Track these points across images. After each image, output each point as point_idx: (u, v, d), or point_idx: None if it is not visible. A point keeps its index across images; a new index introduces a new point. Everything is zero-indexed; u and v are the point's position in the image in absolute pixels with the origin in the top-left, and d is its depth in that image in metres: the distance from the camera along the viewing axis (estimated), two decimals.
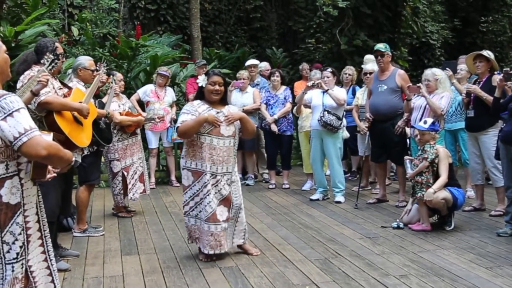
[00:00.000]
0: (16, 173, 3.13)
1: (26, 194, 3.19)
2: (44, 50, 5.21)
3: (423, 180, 6.45)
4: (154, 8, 15.49)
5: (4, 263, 3.12)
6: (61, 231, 6.33)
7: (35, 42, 9.71)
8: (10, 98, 3.02)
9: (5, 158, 3.07)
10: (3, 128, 2.97)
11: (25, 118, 3.01)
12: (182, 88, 11.44)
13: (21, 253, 3.16)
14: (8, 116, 2.97)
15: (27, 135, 2.95)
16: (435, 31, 16.13)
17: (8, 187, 3.10)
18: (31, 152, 2.98)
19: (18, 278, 3.16)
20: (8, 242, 3.12)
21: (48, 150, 2.99)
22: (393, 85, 7.69)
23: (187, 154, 5.45)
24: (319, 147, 8.22)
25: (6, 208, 3.10)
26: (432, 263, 5.32)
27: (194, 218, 5.51)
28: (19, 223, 3.15)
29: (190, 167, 5.43)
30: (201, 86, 5.44)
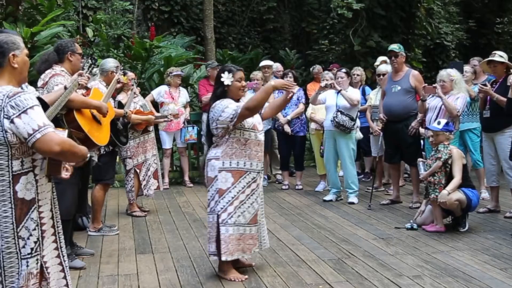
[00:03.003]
0: (31, 170, 3.20)
1: (41, 190, 3.26)
2: (65, 50, 5.41)
3: (436, 180, 6.43)
4: (167, 9, 15.55)
5: (20, 258, 3.18)
6: (76, 230, 6.36)
7: (51, 43, 9.88)
8: (24, 95, 3.10)
9: (20, 155, 3.14)
10: (18, 125, 3.04)
11: (39, 115, 3.08)
12: (195, 89, 11.47)
13: (35, 248, 3.22)
14: (22, 113, 3.04)
15: (40, 131, 3.02)
16: (449, 32, 16.06)
17: (23, 183, 3.17)
18: (44, 148, 3.05)
19: (33, 273, 3.21)
20: (24, 237, 3.18)
21: (62, 146, 3.05)
22: (407, 85, 7.67)
23: (225, 154, 4.92)
24: (332, 148, 8.22)
25: (21, 203, 3.17)
26: (446, 264, 5.31)
27: (233, 226, 4.91)
28: (34, 218, 3.21)
29: (230, 167, 4.91)
30: (226, 85, 5.00)
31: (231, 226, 4.91)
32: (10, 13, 10.71)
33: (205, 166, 5.09)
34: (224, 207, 4.91)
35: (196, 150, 10.51)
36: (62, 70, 5.31)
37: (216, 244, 4.96)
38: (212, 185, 4.98)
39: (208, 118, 5.07)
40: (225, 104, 4.90)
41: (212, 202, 4.99)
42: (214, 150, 5.02)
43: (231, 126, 4.87)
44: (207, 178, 5.07)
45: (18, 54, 3.24)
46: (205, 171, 5.12)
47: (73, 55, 5.41)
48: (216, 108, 4.93)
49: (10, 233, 3.15)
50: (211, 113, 4.97)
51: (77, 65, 5.44)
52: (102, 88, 6.09)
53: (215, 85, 5.18)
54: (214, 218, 4.97)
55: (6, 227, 3.14)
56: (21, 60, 3.26)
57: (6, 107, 3.06)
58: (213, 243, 4.99)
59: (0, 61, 3.20)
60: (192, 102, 10.94)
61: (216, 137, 5.00)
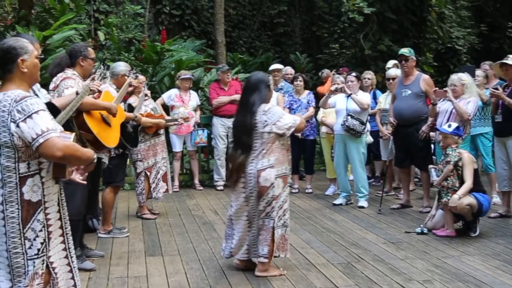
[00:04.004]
0: (38, 172, 3.25)
1: (47, 192, 3.30)
2: (77, 54, 5.44)
3: (449, 184, 6.40)
4: (179, 13, 15.63)
5: (26, 258, 3.23)
6: (87, 232, 6.39)
7: (63, 46, 9.95)
8: (30, 100, 3.15)
9: (26, 158, 3.20)
10: (23, 129, 3.10)
11: (44, 120, 3.13)
12: (206, 93, 11.49)
13: (42, 249, 3.26)
14: (27, 118, 3.11)
15: (43, 136, 3.08)
16: (461, 36, 15.99)
17: (29, 185, 3.22)
18: (47, 153, 3.11)
19: (38, 273, 3.26)
20: (30, 239, 3.23)
21: (64, 151, 3.10)
22: (417, 90, 7.64)
23: (278, 161, 5.06)
24: (343, 152, 8.20)
25: (27, 205, 3.21)
26: (457, 269, 5.28)
27: (281, 227, 5.15)
28: (40, 220, 3.25)
29: (282, 173, 5.10)
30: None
31: (280, 228, 5.14)
32: (23, 17, 10.80)
33: (255, 177, 5.05)
34: (277, 212, 5.09)
35: (206, 153, 10.52)
36: (73, 73, 5.34)
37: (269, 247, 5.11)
38: (268, 193, 5.06)
39: (249, 122, 5.05)
40: (281, 111, 5.21)
41: (269, 207, 5.07)
42: (262, 160, 5.05)
43: (287, 134, 5.10)
44: (258, 187, 5.05)
45: (27, 59, 3.27)
46: (251, 181, 5.07)
47: (85, 60, 5.44)
48: (272, 112, 5.07)
49: (16, 233, 3.20)
50: (266, 117, 5.05)
51: (88, 70, 5.47)
52: (113, 91, 6.11)
53: (258, 88, 5.18)
54: (270, 223, 5.09)
55: (13, 227, 3.19)
56: (30, 64, 3.29)
57: (13, 111, 3.11)
58: (266, 247, 5.09)
59: (10, 67, 3.24)
60: (203, 105, 10.96)
61: (266, 142, 5.05)
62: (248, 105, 5.11)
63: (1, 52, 3.25)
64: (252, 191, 5.09)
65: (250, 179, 5.08)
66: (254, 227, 5.16)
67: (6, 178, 3.18)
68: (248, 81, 5.34)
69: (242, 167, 5.07)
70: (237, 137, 5.17)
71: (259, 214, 5.10)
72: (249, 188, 5.10)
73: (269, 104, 5.19)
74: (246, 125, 5.06)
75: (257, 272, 5.15)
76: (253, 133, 5.04)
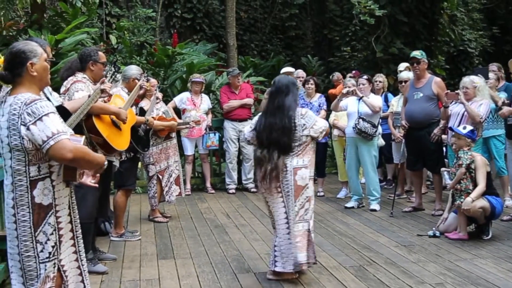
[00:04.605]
0: (48, 175, 3.27)
1: (58, 195, 3.32)
2: (87, 58, 5.47)
3: (462, 187, 6.38)
4: (190, 17, 15.68)
5: (38, 262, 3.26)
6: (99, 235, 6.43)
7: (75, 50, 10.00)
8: (40, 103, 3.17)
9: (37, 161, 3.22)
10: (33, 131, 3.12)
11: (54, 122, 3.15)
12: (217, 96, 11.51)
13: (53, 252, 3.29)
14: (38, 121, 3.13)
15: (54, 138, 3.10)
16: (473, 39, 15.95)
17: (40, 188, 3.24)
18: (57, 155, 3.12)
19: (50, 276, 3.28)
20: (41, 242, 3.26)
21: (74, 154, 3.12)
22: (429, 92, 7.61)
23: (310, 163, 5.18)
24: (354, 154, 8.19)
25: (38, 208, 3.24)
26: (469, 272, 5.25)
27: (313, 231, 5.20)
28: (51, 223, 3.28)
29: (312, 175, 5.22)
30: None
31: (312, 232, 5.18)
32: (35, 21, 10.87)
33: (292, 174, 5.07)
34: (311, 215, 5.14)
35: (218, 156, 10.54)
36: (84, 77, 5.38)
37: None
38: (302, 193, 5.08)
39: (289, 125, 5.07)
40: (315, 115, 5.34)
41: (302, 210, 5.08)
42: (297, 158, 5.11)
43: (321, 137, 5.26)
44: (295, 186, 5.06)
45: (36, 62, 3.28)
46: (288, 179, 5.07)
47: (95, 64, 5.46)
48: (309, 116, 5.18)
49: (28, 237, 3.23)
50: (304, 120, 5.12)
51: (99, 74, 5.49)
52: (124, 95, 6.14)
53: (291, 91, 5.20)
54: (304, 226, 5.08)
55: (24, 231, 3.23)
56: (39, 67, 3.31)
57: (23, 114, 3.13)
58: (305, 251, 5.05)
59: (19, 71, 3.26)
60: (214, 108, 10.98)
61: (302, 144, 5.12)
62: (284, 108, 5.11)
63: (10, 55, 3.28)
64: (289, 190, 5.08)
65: (286, 177, 5.08)
66: (293, 233, 5.06)
67: (17, 182, 3.21)
68: (279, 84, 5.27)
69: (278, 168, 5.06)
70: (275, 139, 5.09)
71: (294, 217, 5.08)
72: (285, 188, 5.09)
73: (308, 110, 5.34)
74: (285, 128, 5.07)
75: (270, 275, 5.15)
76: (292, 136, 5.08)
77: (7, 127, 3.18)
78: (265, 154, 5.11)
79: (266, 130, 5.15)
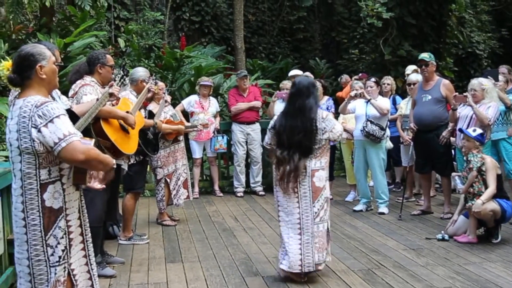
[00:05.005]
0: (59, 179, 3.26)
1: (68, 199, 3.31)
2: (95, 62, 5.46)
3: (475, 190, 6.35)
4: (198, 19, 15.72)
5: (49, 265, 3.25)
6: (107, 238, 6.44)
7: (84, 53, 10.05)
8: (51, 105, 3.17)
9: (47, 164, 3.21)
10: (44, 134, 3.11)
11: (65, 124, 3.14)
12: (226, 99, 11.53)
13: (63, 256, 3.28)
14: (49, 123, 3.12)
15: (66, 140, 3.09)
16: (481, 41, 15.89)
17: (50, 192, 3.23)
18: (69, 157, 3.12)
19: (60, 281, 3.27)
20: (52, 246, 3.25)
21: (86, 155, 3.11)
22: (437, 95, 7.59)
23: (326, 164, 5.27)
24: (362, 157, 8.16)
25: (49, 212, 3.23)
26: (478, 275, 5.23)
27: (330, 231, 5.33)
28: (62, 227, 3.27)
29: (328, 176, 5.32)
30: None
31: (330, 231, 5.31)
32: (44, 24, 10.94)
33: (309, 176, 5.13)
34: (328, 214, 5.25)
35: (226, 159, 10.54)
36: (92, 80, 5.39)
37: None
38: (322, 195, 5.17)
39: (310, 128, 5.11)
40: (334, 119, 5.40)
41: (322, 211, 5.16)
42: (315, 160, 5.18)
43: (338, 140, 5.42)
44: (313, 187, 5.13)
45: (45, 65, 3.28)
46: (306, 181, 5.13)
47: (103, 67, 5.47)
48: (329, 120, 5.24)
49: (38, 241, 3.22)
50: (324, 124, 5.18)
51: (107, 77, 5.49)
52: (132, 98, 6.15)
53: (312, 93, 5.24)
54: (324, 227, 5.18)
55: (35, 235, 3.21)
56: (48, 70, 3.31)
57: (34, 116, 3.13)
58: (325, 250, 5.17)
59: (28, 74, 3.25)
60: (222, 111, 11.00)
61: (321, 147, 5.19)
62: (305, 110, 5.14)
63: (19, 59, 3.28)
64: (306, 192, 5.12)
65: (304, 179, 5.12)
66: (306, 235, 5.11)
67: (27, 185, 3.20)
68: (300, 86, 5.28)
69: (299, 170, 5.10)
70: (297, 141, 5.11)
71: (312, 219, 5.12)
72: (302, 189, 5.12)
73: (329, 113, 5.42)
74: (307, 131, 5.11)
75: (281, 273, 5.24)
76: (314, 139, 5.13)
77: (17, 130, 3.18)
78: (285, 156, 5.15)
79: (287, 132, 5.17)
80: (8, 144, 3.27)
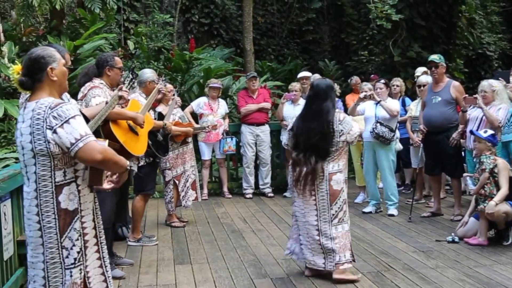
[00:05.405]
0: (74, 180, 3.25)
1: (83, 200, 3.30)
2: (104, 64, 5.49)
3: (487, 192, 6.31)
4: (207, 22, 15.71)
5: (64, 268, 3.22)
6: (116, 240, 6.45)
7: (93, 55, 10.07)
8: (66, 106, 3.16)
9: (62, 165, 3.20)
10: (60, 135, 3.10)
11: (81, 124, 3.14)
12: (235, 101, 11.52)
13: (78, 258, 3.26)
14: (64, 123, 3.11)
15: (83, 140, 3.08)
16: (492, 42, 15.79)
17: (66, 193, 3.21)
18: (87, 157, 3.10)
19: (77, 283, 3.25)
20: (67, 248, 3.22)
21: (104, 155, 3.11)
22: (447, 96, 7.56)
23: (344, 166, 5.29)
24: (372, 159, 8.14)
25: (64, 214, 3.21)
26: (489, 278, 5.20)
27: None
28: (77, 229, 3.25)
29: (345, 178, 5.35)
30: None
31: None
32: (54, 27, 10.99)
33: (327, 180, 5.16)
34: (348, 215, 5.29)
35: (235, 161, 10.53)
36: (101, 82, 5.40)
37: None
38: (340, 197, 5.21)
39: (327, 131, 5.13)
40: (351, 121, 5.33)
41: (341, 212, 5.21)
42: (333, 163, 5.21)
43: (355, 142, 5.41)
44: (331, 190, 5.15)
45: (55, 67, 3.28)
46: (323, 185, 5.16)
47: (111, 69, 5.48)
48: (346, 122, 5.24)
49: (54, 243, 3.20)
50: (341, 126, 5.20)
51: (115, 79, 5.52)
52: (142, 100, 6.17)
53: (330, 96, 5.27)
54: (344, 228, 5.22)
55: (50, 237, 3.19)
56: (59, 72, 3.31)
57: (49, 117, 3.11)
58: (348, 251, 5.21)
59: (39, 76, 3.24)
60: (231, 113, 10.99)
61: (338, 150, 5.20)
62: (322, 113, 5.16)
63: (30, 61, 3.27)
64: (323, 195, 5.14)
65: (322, 182, 5.14)
66: (324, 236, 5.15)
67: (42, 188, 3.18)
68: (317, 88, 5.32)
69: (316, 172, 5.11)
70: (313, 144, 5.13)
71: (330, 221, 5.14)
72: (319, 192, 5.14)
73: (342, 113, 5.36)
74: (324, 134, 5.13)
75: (336, 275, 5.17)
76: (331, 141, 5.13)
77: (30, 133, 3.16)
78: (301, 158, 5.17)
79: (304, 134, 5.20)
80: (20, 147, 3.24)
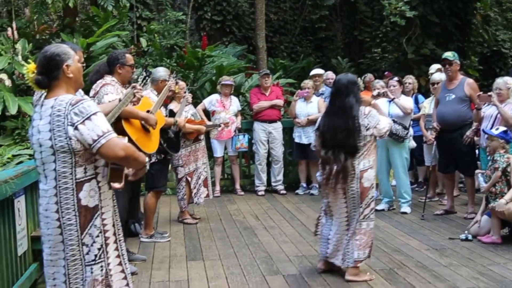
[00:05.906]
0: (94, 177, 3.25)
1: (104, 197, 3.30)
2: (115, 61, 5.50)
3: (497, 190, 6.27)
4: (220, 19, 15.73)
5: (84, 264, 3.23)
6: (129, 236, 6.46)
7: (106, 53, 10.10)
8: (87, 102, 3.17)
9: (83, 162, 3.19)
10: (82, 131, 3.10)
11: (102, 121, 3.15)
12: (247, 98, 11.51)
13: (99, 255, 3.26)
14: (86, 120, 3.11)
15: (105, 137, 3.09)
16: (507, 39, 15.67)
17: (86, 190, 3.21)
18: (109, 153, 3.11)
19: (98, 280, 3.25)
20: (87, 244, 3.22)
21: (126, 151, 3.12)
22: (461, 94, 7.51)
23: (374, 162, 5.25)
24: (385, 157, 8.10)
25: (85, 211, 3.21)
26: (503, 276, 5.15)
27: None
28: (97, 225, 3.25)
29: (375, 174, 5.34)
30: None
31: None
32: (68, 25, 11.02)
33: (358, 178, 5.12)
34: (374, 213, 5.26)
35: (247, 158, 10.53)
36: (112, 80, 5.42)
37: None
38: (368, 194, 5.16)
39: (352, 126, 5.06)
40: (378, 114, 5.25)
41: (367, 209, 5.16)
42: (364, 161, 5.15)
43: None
44: (361, 188, 5.12)
45: (71, 64, 3.28)
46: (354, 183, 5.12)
47: (122, 67, 5.49)
48: (372, 115, 5.18)
49: (74, 240, 3.19)
50: (367, 120, 5.14)
51: (127, 77, 5.53)
52: (153, 97, 6.18)
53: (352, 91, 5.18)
54: (369, 225, 5.19)
55: (71, 234, 3.19)
56: (74, 68, 3.31)
57: (70, 114, 3.11)
58: (368, 249, 5.17)
59: (56, 74, 3.24)
60: (244, 110, 10.98)
61: (367, 144, 5.15)
62: (346, 109, 5.10)
63: (45, 59, 3.26)
64: (354, 193, 5.12)
65: (353, 181, 5.11)
66: (351, 230, 5.16)
67: (62, 185, 3.17)
68: (339, 84, 5.26)
69: (347, 170, 5.07)
70: (340, 141, 5.08)
71: (357, 217, 5.12)
72: (350, 190, 5.12)
73: (367, 107, 5.28)
74: (350, 130, 5.06)
75: (349, 276, 5.13)
76: (358, 137, 5.07)
77: (50, 130, 3.15)
78: (329, 155, 5.13)
79: (330, 131, 5.16)
80: (37, 145, 3.22)
